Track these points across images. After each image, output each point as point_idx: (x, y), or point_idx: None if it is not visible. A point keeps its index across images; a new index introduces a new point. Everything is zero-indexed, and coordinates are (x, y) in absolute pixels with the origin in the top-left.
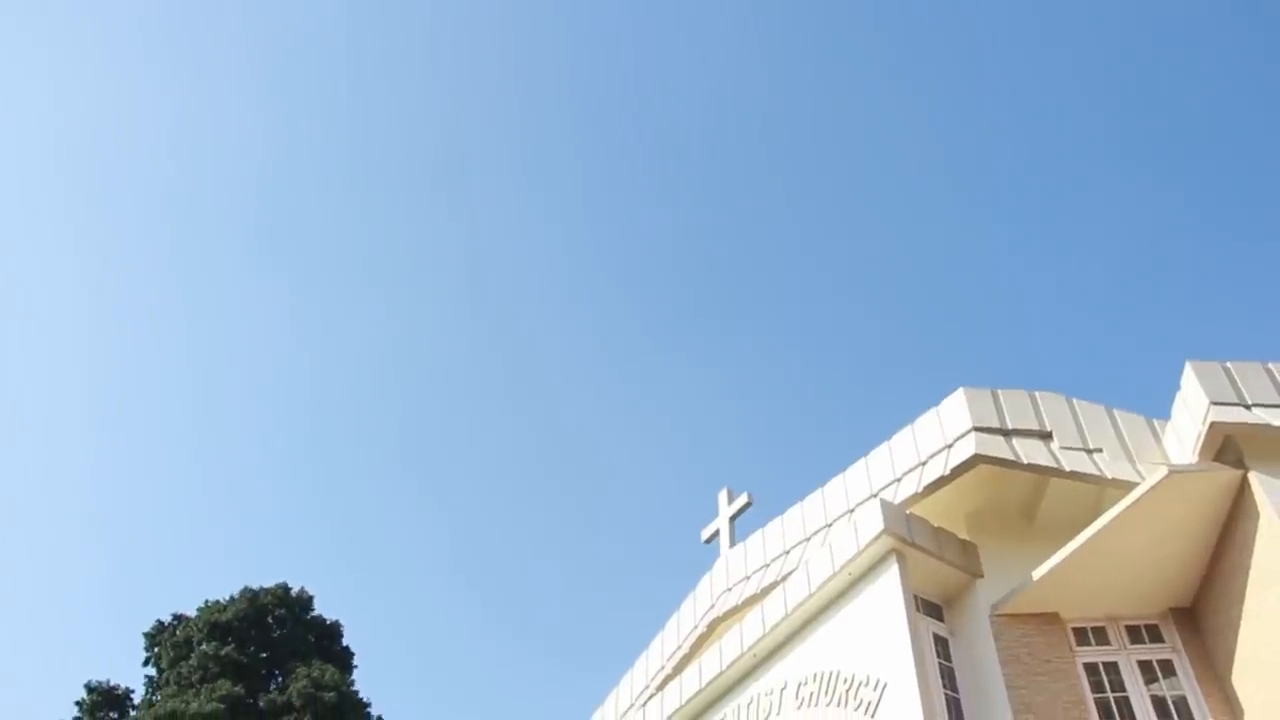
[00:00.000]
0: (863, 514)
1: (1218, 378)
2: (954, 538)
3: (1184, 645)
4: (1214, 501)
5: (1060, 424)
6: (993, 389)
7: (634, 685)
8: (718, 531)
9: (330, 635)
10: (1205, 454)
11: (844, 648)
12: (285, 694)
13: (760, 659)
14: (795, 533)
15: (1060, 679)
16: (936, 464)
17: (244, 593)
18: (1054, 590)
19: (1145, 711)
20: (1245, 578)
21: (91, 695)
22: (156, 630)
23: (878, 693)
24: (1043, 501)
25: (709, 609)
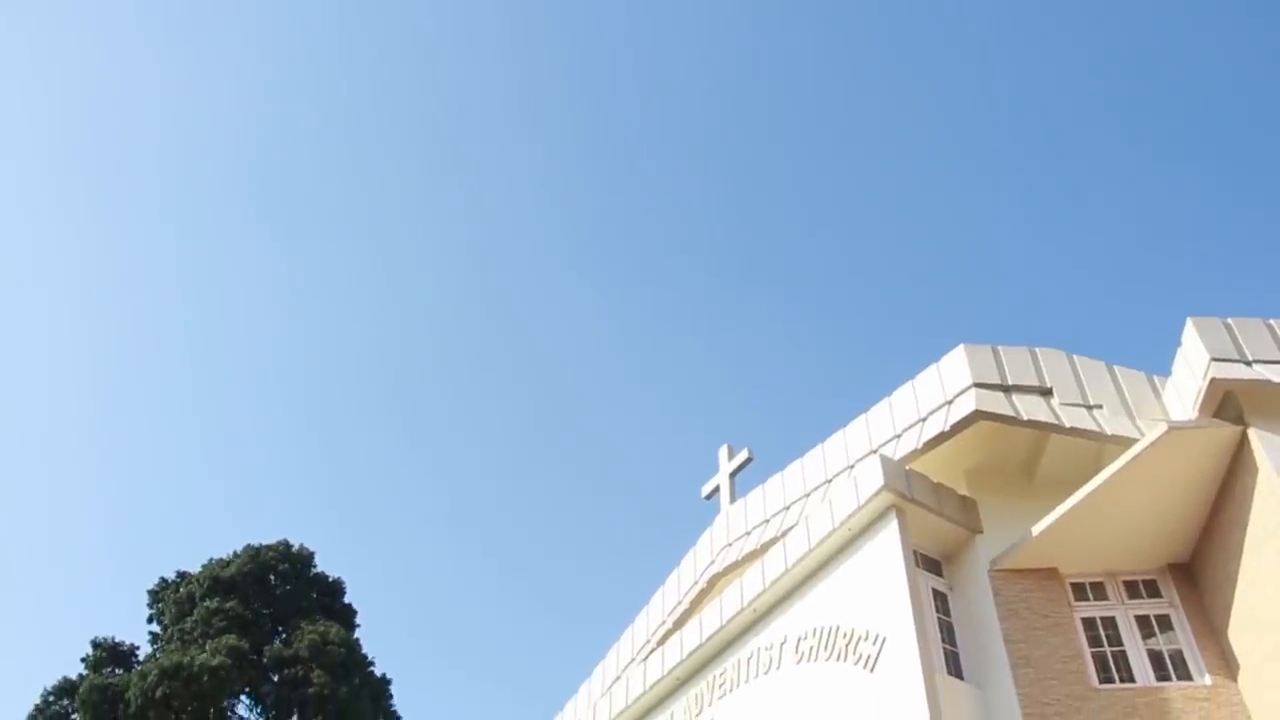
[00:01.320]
0: (863, 470)
1: (1218, 334)
2: (954, 493)
3: (1181, 600)
4: (1213, 458)
5: (1060, 380)
6: (993, 345)
7: (635, 640)
8: (718, 487)
9: (332, 592)
10: (1205, 410)
11: (843, 603)
12: (291, 648)
13: (760, 614)
14: (795, 488)
15: (1058, 633)
16: (937, 420)
17: (246, 550)
18: (1053, 546)
19: (1142, 665)
20: (1243, 533)
21: (97, 651)
22: (160, 587)
23: (877, 647)
24: (1042, 457)
25: (709, 564)
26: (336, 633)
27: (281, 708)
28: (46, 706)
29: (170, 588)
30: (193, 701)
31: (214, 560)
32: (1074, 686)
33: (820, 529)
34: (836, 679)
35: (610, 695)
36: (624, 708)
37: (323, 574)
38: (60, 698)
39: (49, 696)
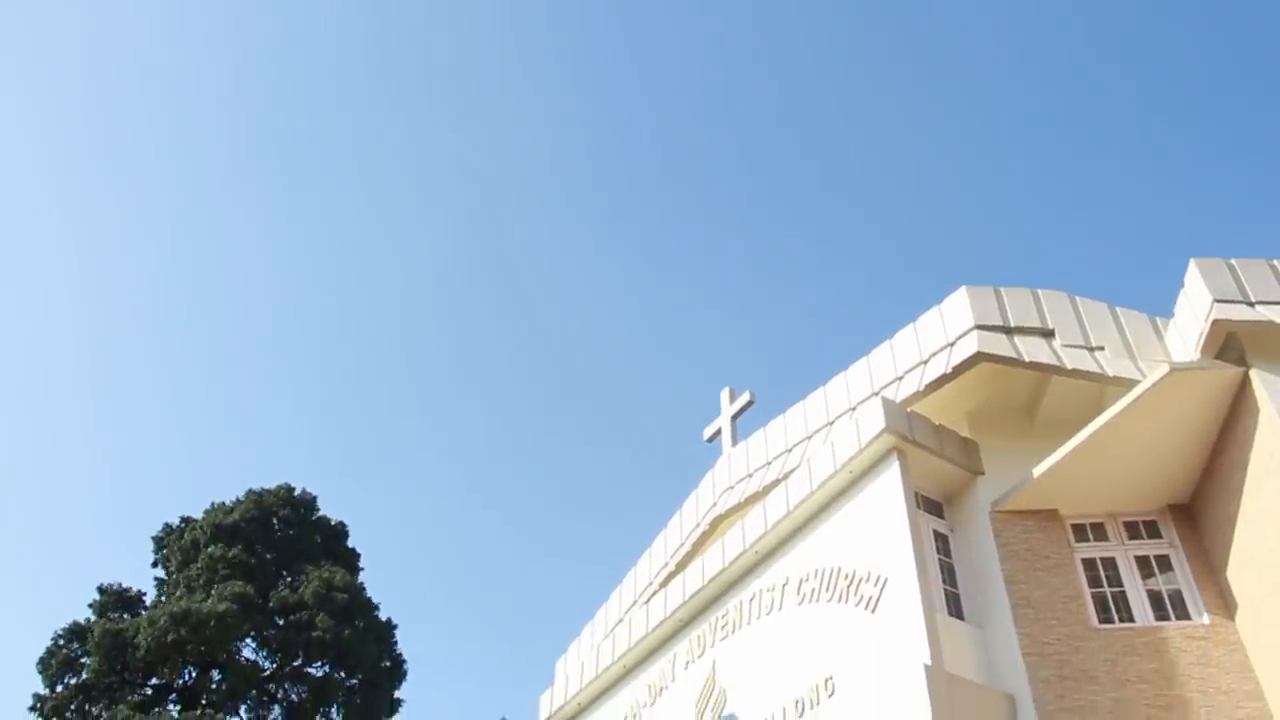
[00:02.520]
0: (864, 412)
1: (1221, 275)
2: (955, 435)
3: (1181, 541)
4: (1215, 399)
5: (1062, 322)
6: (995, 287)
7: (638, 582)
8: (720, 430)
9: (336, 536)
10: (1207, 351)
11: (845, 544)
12: (297, 594)
13: (762, 556)
14: (797, 431)
15: (1059, 574)
16: (938, 362)
17: (249, 495)
18: (1054, 487)
19: (1141, 605)
20: (1243, 474)
21: (103, 597)
22: (164, 533)
23: (878, 588)
24: (1044, 399)
25: (711, 507)
26: (341, 577)
27: (287, 651)
28: (57, 650)
29: (174, 534)
30: (200, 646)
31: (217, 505)
32: (1074, 626)
33: (822, 471)
34: (838, 620)
35: (613, 637)
36: (626, 649)
37: (326, 518)
38: (70, 641)
39: (59, 640)
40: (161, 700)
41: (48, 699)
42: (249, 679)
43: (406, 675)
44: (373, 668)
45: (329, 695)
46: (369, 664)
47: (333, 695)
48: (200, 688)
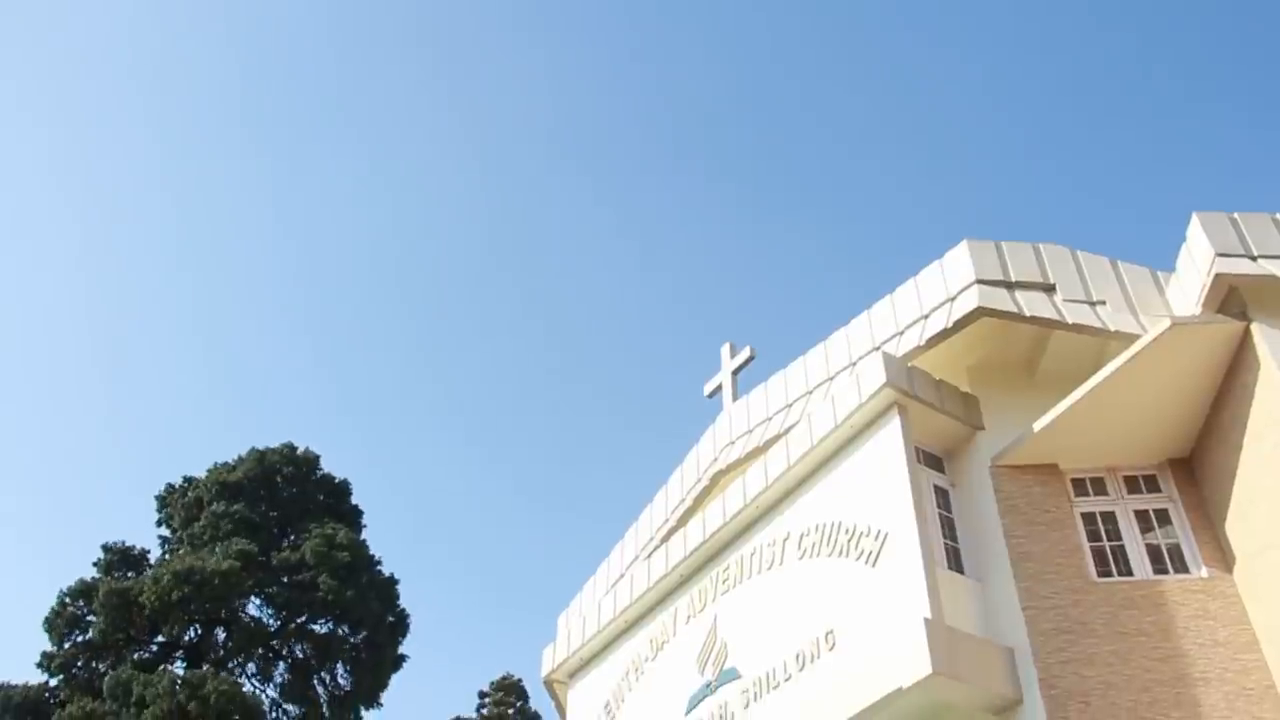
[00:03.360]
0: (865, 367)
1: (1224, 229)
2: (955, 390)
3: (1180, 495)
4: (1215, 353)
5: (1064, 276)
6: (997, 241)
7: (639, 538)
8: (720, 386)
9: (338, 494)
10: (1209, 306)
11: (845, 499)
12: (299, 551)
13: (763, 511)
14: (797, 386)
15: (1058, 528)
16: (939, 317)
17: (251, 453)
18: (1054, 442)
19: (1140, 559)
20: (1243, 428)
21: (109, 555)
22: (167, 492)
23: (879, 543)
24: (1045, 354)
25: (712, 462)
26: (344, 534)
27: (291, 609)
28: (63, 608)
29: (177, 493)
30: (205, 603)
31: (219, 464)
32: (1073, 580)
33: (822, 426)
34: (838, 574)
35: (615, 592)
36: (628, 604)
37: (329, 476)
38: (76, 599)
39: (65, 599)
40: (167, 657)
41: (55, 656)
42: (254, 636)
43: (410, 631)
44: (376, 624)
45: (333, 652)
46: (372, 621)
47: (337, 652)
48: (205, 645)
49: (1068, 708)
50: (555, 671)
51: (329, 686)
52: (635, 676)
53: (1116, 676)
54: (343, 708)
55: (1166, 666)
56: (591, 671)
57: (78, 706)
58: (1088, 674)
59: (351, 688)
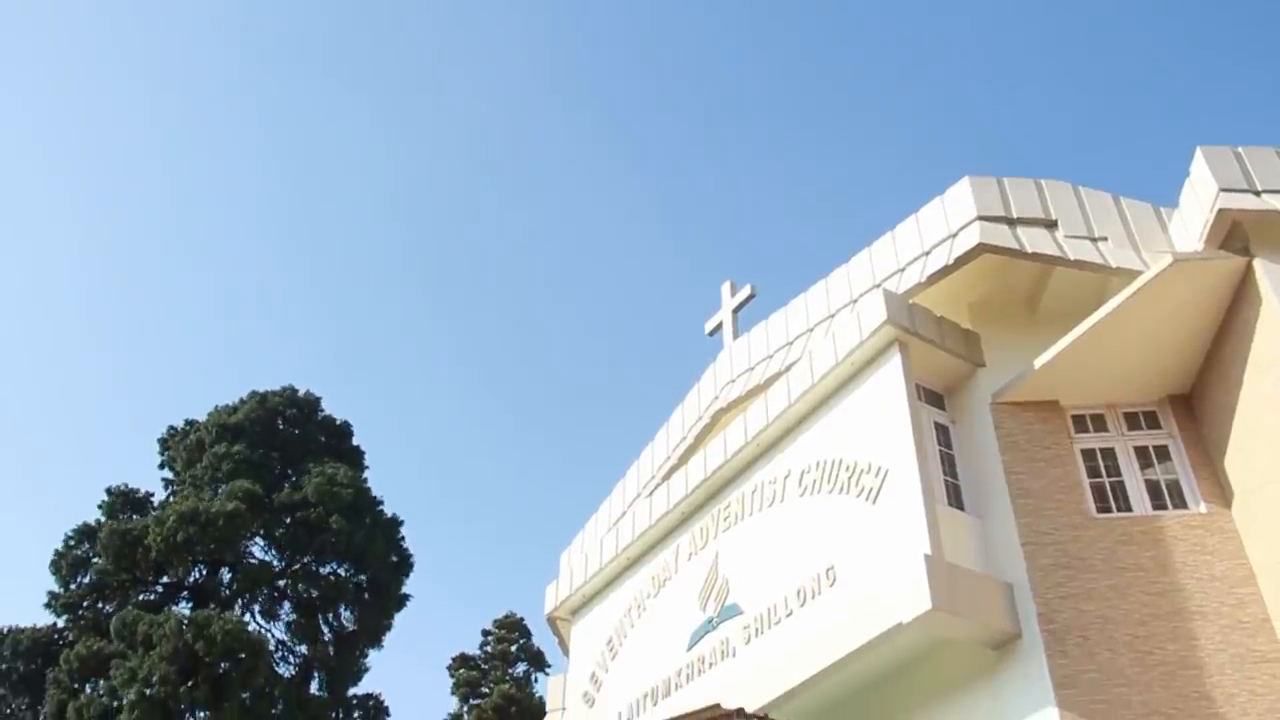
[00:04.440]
0: (866, 304)
1: (1228, 163)
2: (956, 327)
3: (1180, 431)
4: (1217, 289)
5: (1066, 212)
6: (998, 177)
7: (641, 476)
8: (721, 324)
9: (340, 435)
10: (1211, 242)
11: (846, 436)
12: (301, 491)
13: (764, 448)
14: (798, 323)
15: (1058, 464)
16: (940, 253)
17: (253, 395)
18: (1054, 378)
19: (1139, 495)
20: (1244, 365)
21: (112, 497)
22: (169, 435)
23: (879, 479)
24: (1046, 291)
25: (713, 400)
26: (346, 474)
27: (296, 549)
28: (68, 551)
29: (179, 435)
30: (209, 544)
31: (221, 407)
32: (1072, 516)
33: (823, 364)
34: (839, 511)
35: (617, 530)
36: (630, 541)
37: (330, 417)
38: (80, 542)
39: (69, 541)
40: (172, 598)
41: (61, 597)
42: (258, 577)
43: (413, 571)
44: (380, 564)
45: (337, 592)
46: (376, 561)
47: (341, 591)
48: (210, 586)
49: (1066, 642)
50: (558, 609)
51: (333, 626)
52: (637, 613)
53: (1114, 611)
54: (347, 646)
55: (1164, 601)
56: (594, 608)
57: (85, 646)
58: (1086, 609)
59: (356, 627)
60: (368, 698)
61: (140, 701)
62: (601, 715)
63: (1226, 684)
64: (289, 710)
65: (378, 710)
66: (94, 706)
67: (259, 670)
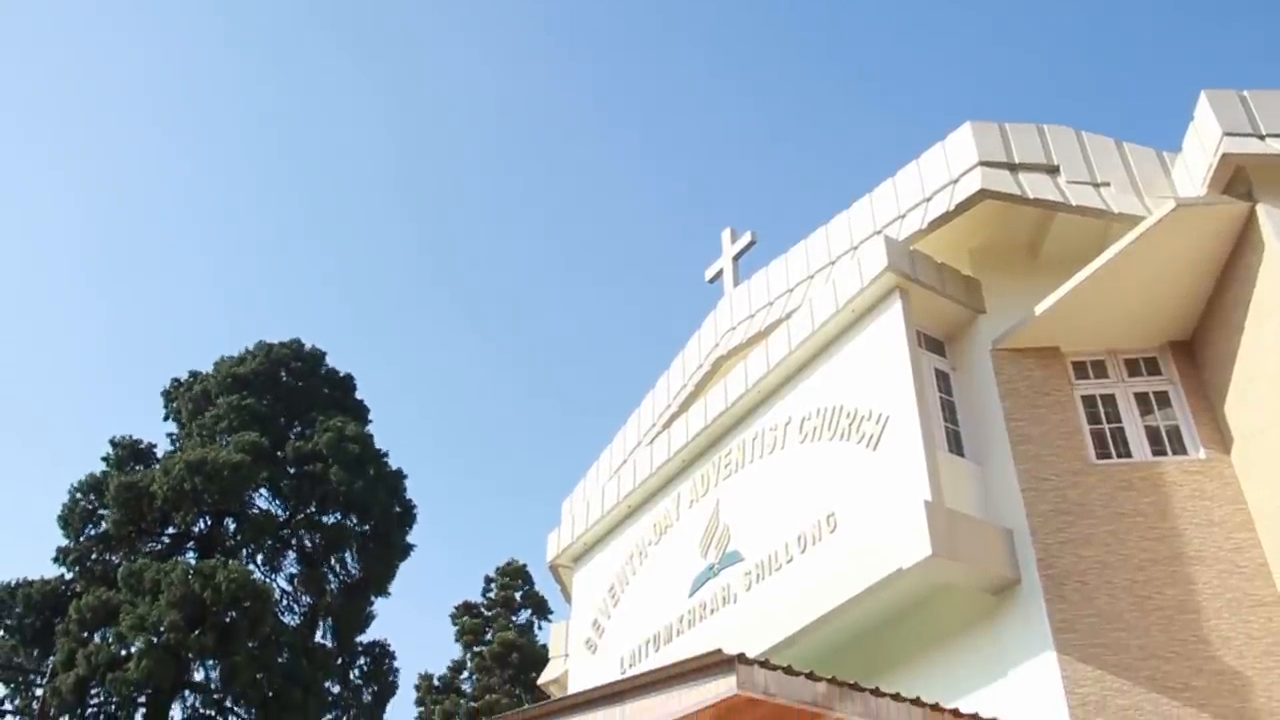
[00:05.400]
0: (866, 251)
1: (1233, 107)
2: (957, 274)
3: (1180, 377)
4: (1219, 235)
5: (1068, 158)
6: (1000, 123)
7: (641, 424)
8: (721, 271)
9: (344, 388)
10: (1214, 187)
11: (847, 383)
12: (310, 443)
13: (764, 395)
14: (799, 270)
15: (1058, 411)
16: (941, 200)
17: (259, 346)
18: (1055, 325)
19: (1139, 441)
20: (1245, 310)
21: (117, 449)
22: (173, 387)
23: (880, 426)
24: (1047, 236)
25: (713, 347)
26: (352, 428)
27: (300, 500)
28: (75, 504)
29: (184, 387)
30: (215, 495)
31: (226, 358)
32: (1072, 462)
33: (824, 310)
34: (840, 457)
35: (618, 478)
36: (631, 489)
37: (334, 370)
38: (88, 494)
39: (76, 494)
40: (178, 548)
41: (70, 550)
42: (263, 527)
43: (416, 521)
44: (384, 514)
45: (342, 542)
46: (380, 511)
47: (345, 542)
48: (215, 536)
49: (1065, 587)
50: (560, 556)
51: (338, 575)
52: (639, 560)
53: (1113, 556)
54: (352, 595)
55: (1162, 546)
56: (596, 556)
57: (94, 596)
58: (1085, 554)
59: (360, 576)
60: (373, 645)
61: (149, 649)
62: (604, 661)
63: (1223, 627)
64: (295, 658)
65: (384, 658)
66: (103, 654)
67: (265, 619)
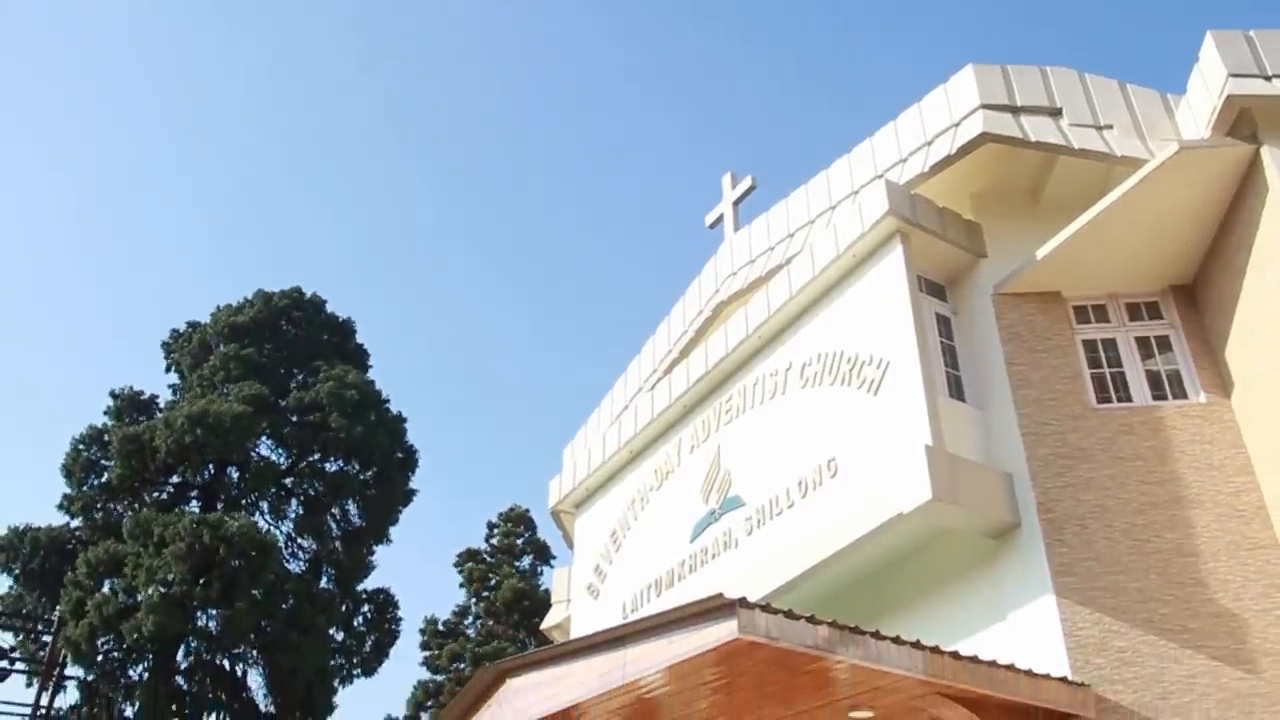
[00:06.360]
0: (867, 195)
1: (1239, 48)
2: (959, 218)
3: (1181, 321)
4: (1223, 178)
5: (1071, 100)
6: (1003, 65)
7: (642, 370)
8: (721, 216)
9: (344, 334)
10: (1219, 129)
11: (848, 328)
12: (311, 391)
13: (765, 341)
14: (799, 215)
15: (1059, 355)
16: (943, 143)
17: (258, 295)
18: (1056, 269)
19: (1139, 385)
20: (1248, 254)
21: (118, 401)
22: (173, 338)
23: (880, 371)
24: (1049, 180)
25: (714, 293)
26: (353, 375)
27: (302, 448)
28: (77, 454)
29: (182, 338)
30: (218, 446)
31: (224, 307)
32: (1072, 407)
33: (824, 255)
34: (840, 402)
35: (619, 424)
36: (633, 435)
37: (333, 316)
38: (90, 445)
39: (79, 445)
40: (182, 498)
41: (74, 499)
42: (266, 476)
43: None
44: (385, 461)
45: (344, 489)
46: (382, 458)
47: (348, 489)
48: (218, 485)
49: (1064, 531)
50: (562, 502)
51: (341, 522)
52: (640, 506)
53: (1112, 500)
54: (355, 542)
55: (1162, 490)
56: (597, 502)
57: (102, 548)
58: (1085, 498)
59: (363, 522)
60: (378, 592)
61: (160, 601)
62: (606, 607)
63: (1221, 570)
64: (299, 605)
65: (387, 604)
66: (111, 605)
67: (269, 567)
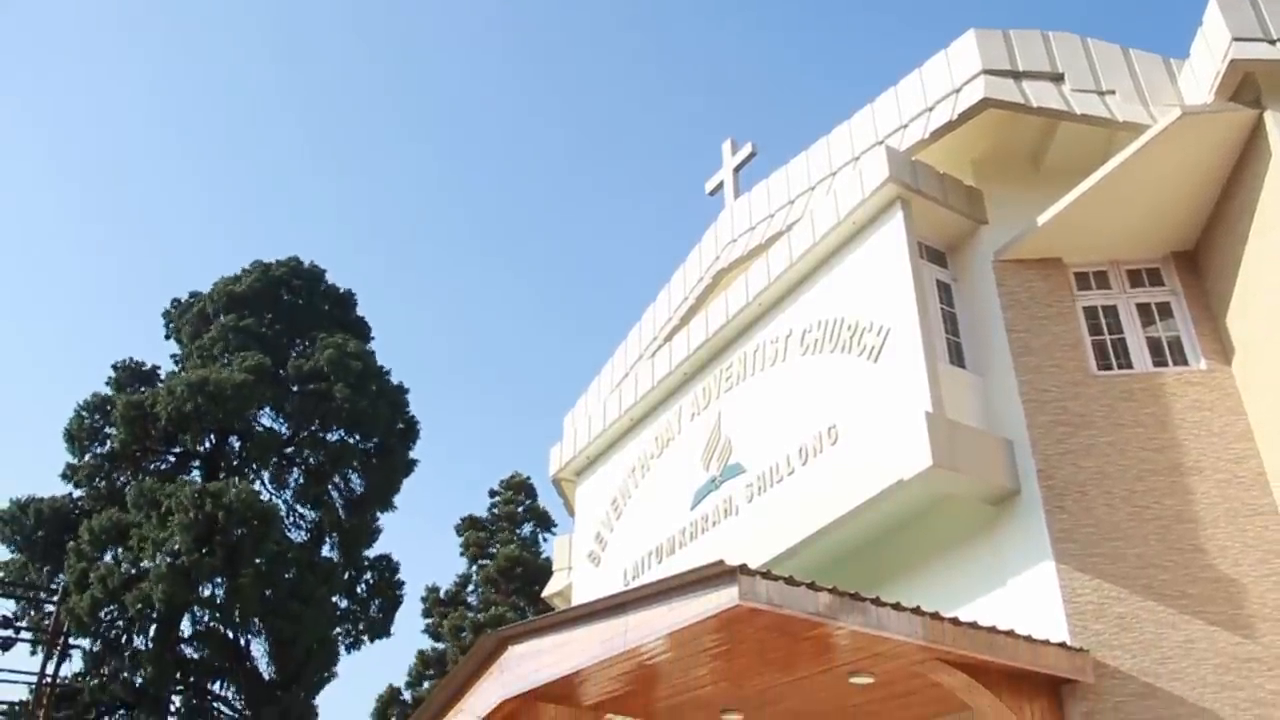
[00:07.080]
0: (868, 161)
1: (1243, 11)
2: (960, 184)
3: (1183, 288)
4: (1225, 143)
5: (1073, 65)
6: (1004, 30)
7: (642, 337)
8: (721, 183)
9: (344, 305)
10: (1222, 94)
11: (848, 295)
12: (312, 361)
13: (765, 308)
14: (799, 182)
15: (1060, 322)
16: (944, 109)
17: (256, 265)
18: (1058, 235)
19: (1140, 352)
20: (1250, 220)
21: (119, 372)
22: (174, 308)
23: (881, 338)
24: (1051, 146)
25: (714, 260)
26: (354, 345)
27: (304, 418)
28: (81, 421)
29: (183, 308)
30: (220, 415)
31: (225, 278)
32: (1073, 374)
33: (825, 222)
34: (841, 369)
35: (620, 391)
36: (633, 402)
37: (334, 286)
38: (93, 414)
39: (82, 413)
40: (184, 467)
41: (77, 468)
42: (267, 445)
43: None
44: (386, 431)
45: (345, 459)
46: (383, 427)
47: (349, 459)
48: (220, 455)
49: (1064, 497)
50: (563, 470)
51: (342, 492)
52: (641, 473)
53: (1113, 467)
54: (357, 511)
55: (1162, 457)
56: (598, 469)
57: (106, 518)
58: (1085, 464)
59: (364, 492)
60: (380, 559)
61: (165, 571)
62: (607, 574)
63: (1220, 537)
64: (301, 573)
65: (389, 571)
66: (115, 576)
67: (271, 536)
